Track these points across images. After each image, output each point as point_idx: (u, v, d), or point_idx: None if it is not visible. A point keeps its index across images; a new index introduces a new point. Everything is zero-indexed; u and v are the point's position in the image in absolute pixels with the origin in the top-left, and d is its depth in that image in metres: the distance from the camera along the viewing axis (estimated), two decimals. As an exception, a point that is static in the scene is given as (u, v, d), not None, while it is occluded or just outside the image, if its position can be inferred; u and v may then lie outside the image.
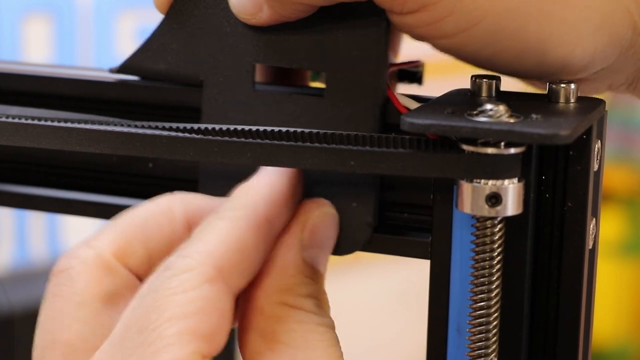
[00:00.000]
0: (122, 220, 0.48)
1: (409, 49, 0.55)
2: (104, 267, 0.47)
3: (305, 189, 0.48)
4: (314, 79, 0.52)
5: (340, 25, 0.47)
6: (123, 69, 0.51)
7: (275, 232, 0.46)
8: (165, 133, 0.46)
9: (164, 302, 0.43)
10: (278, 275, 0.46)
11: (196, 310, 0.43)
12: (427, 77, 0.54)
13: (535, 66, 0.45)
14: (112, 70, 0.51)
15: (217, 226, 0.45)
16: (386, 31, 0.46)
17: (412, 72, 0.53)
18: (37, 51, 1.60)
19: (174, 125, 0.47)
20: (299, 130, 0.45)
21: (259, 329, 0.46)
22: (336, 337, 0.46)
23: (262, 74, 0.52)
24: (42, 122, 0.48)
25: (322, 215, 0.47)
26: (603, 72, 0.48)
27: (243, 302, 0.47)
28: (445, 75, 0.54)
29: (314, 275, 0.47)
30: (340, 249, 0.48)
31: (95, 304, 0.46)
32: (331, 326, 0.46)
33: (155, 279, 0.44)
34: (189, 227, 0.48)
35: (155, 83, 0.50)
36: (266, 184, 0.46)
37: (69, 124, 0.48)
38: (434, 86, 0.54)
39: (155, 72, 0.50)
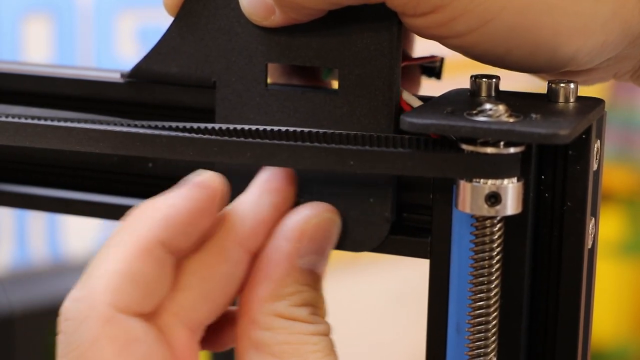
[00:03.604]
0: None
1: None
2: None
3: (320, 184, 0.48)
4: (326, 77, 0.52)
5: (353, 24, 0.47)
6: (134, 73, 0.50)
7: (177, 253, 0.45)
8: (164, 133, 0.46)
9: None
10: (272, 284, 0.46)
11: (115, 356, 0.43)
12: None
13: (547, 61, 0.45)
14: (123, 75, 0.51)
15: (107, 255, 0.45)
16: (398, 30, 0.46)
17: (431, 67, 0.53)
18: (37, 51, 1.60)
19: (174, 124, 0.47)
20: (298, 129, 0.45)
21: (253, 339, 0.46)
22: (331, 343, 0.46)
23: (273, 72, 0.52)
24: (42, 122, 0.48)
25: (320, 222, 0.47)
26: (610, 61, 0.48)
27: (239, 310, 0.47)
28: (444, 75, 0.54)
29: (311, 282, 0.47)
30: (359, 245, 0.48)
31: None
32: (326, 333, 0.46)
33: (62, 334, 0.44)
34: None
35: (180, 85, 0.50)
36: (165, 205, 0.45)
37: (68, 124, 0.48)
38: (434, 86, 0.54)
39: (167, 75, 0.50)
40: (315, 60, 0.47)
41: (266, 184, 0.47)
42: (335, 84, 0.49)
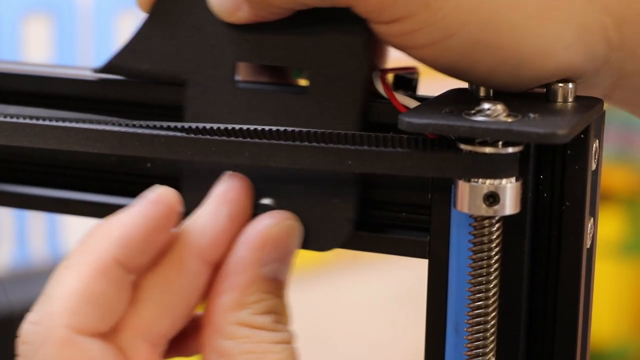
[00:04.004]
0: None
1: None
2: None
3: (286, 185, 0.48)
4: (297, 76, 0.52)
5: (323, 25, 0.47)
6: (107, 68, 0.51)
7: (134, 270, 0.46)
8: (163, 133, 0.47)
9: None
10: (235, 293, 0.46)
11: None
12: (426, 76, 0.54)
13: (509, 78, 0.46)
14: (96, 70, 0.51)
15: (64, 278, 0.45)
16: (369, 32, 0.46)
17: (408, 80, 0.54)
18: (37, 51, 1.60)
19: (172, 124, 0.47)
20: (297, 129, 0.45)
21: (217, 348, 0.46)
22: (294, 351, 0.47)
23: (245, 71, 0.52)
24: (41, 122, 0.48)
25: (281, 230, 0.47)
26: (578, 87, 0.48)
27: (204, 319, 0.47)
28: (443, 75, 0.54)
29: (274, 289, 0.47)
30: (322, 245, 0.48)
31: None
32: (289, 341, 0.47)
33: (21, 359, 0.45)
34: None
35: (150, 82, 0.50)
36: (120, 224, 0.46)
37: (67, 124, 0.48)
38: (433, 86, 0.54)
39: (138, 71, 0.50)
40: (284, 60, 0.48)
41: (222, 196, 0.48)
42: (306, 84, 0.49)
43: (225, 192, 0.48)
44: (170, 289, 0.46)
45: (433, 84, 0.55)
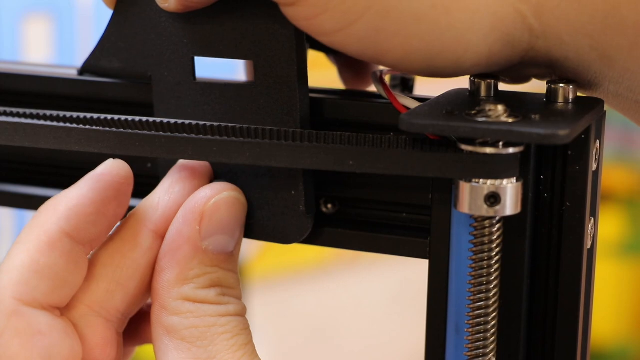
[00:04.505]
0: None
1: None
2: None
3: (246, 177, 0.49)
4: None
5: (261, 15, 0.47)
6: (85, 69, 0.51)
7: (87, 243, 0.46)
8: (163, 133, 0.47)
9: None
10: (177, 268, 0.47)
11: (19, 348, 0.44)
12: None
13: (426, 68, 0.45)
14: (78, 72, 0.52)
15: (15, 252, 0.46)
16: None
17: (405, 80, 0.54)
18: (37, 51, 1.60)
19: (172, 121, 0.47)
20: (297, 130, 0.45)
21: (164, 325, 0.46)
22: (243, 323, 0.47)
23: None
24: (42, 122, 0.48)
25: (219, 202, 0.47)
26: (513, 71, 0.48)
27: (152, 297, 0.47)
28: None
29: (219, 262, 0.47)
30: (284, 238, 0.49)
31: None
32: (237, 313, 0.47)
33: None
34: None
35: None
36: (67, 197, 0.46)
37: (67, 124, 0.48)
38: (433, 86, 0.54)
39: (111, 70, 0.50)
40: (233, 54, 0.48)
41: (178, 174, 0.48)
42: None
43: (180, 171, 0.48)
44: (123, 264, 0.47)
45: (433, 84, 0.55)
